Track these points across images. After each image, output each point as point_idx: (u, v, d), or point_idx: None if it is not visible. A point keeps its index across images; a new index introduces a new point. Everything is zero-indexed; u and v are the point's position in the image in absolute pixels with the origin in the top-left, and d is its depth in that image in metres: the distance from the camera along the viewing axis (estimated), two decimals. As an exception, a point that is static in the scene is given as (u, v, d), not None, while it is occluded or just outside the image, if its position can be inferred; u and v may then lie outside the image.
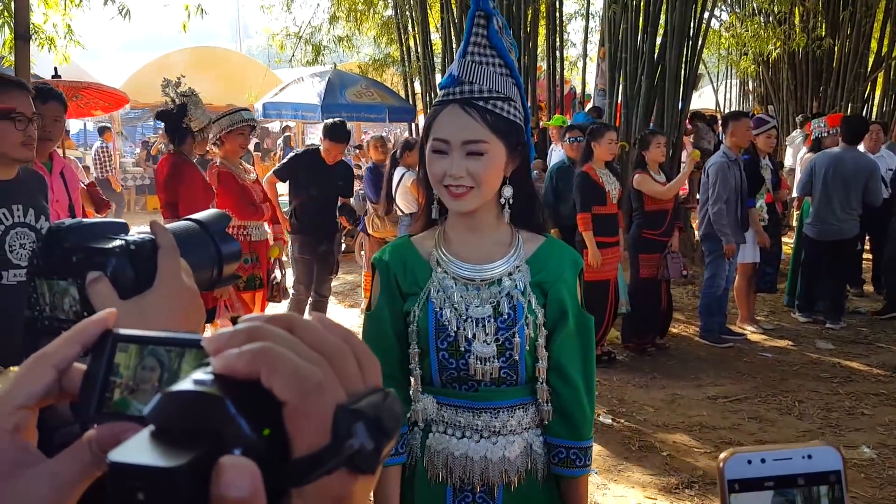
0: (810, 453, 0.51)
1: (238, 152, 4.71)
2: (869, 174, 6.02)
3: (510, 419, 1.51)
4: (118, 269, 0.67)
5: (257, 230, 4.69)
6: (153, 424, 0.36)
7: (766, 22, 11.95)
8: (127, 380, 0.45)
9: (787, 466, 0.50)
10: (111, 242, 0.68)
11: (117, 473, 0.33)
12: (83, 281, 0.66)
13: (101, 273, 0.66)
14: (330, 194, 5.31)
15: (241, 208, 4.54)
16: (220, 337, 0.38)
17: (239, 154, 4.75)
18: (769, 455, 0.50)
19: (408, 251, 1.57)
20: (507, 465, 1.50)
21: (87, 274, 0.66)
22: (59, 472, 0.45)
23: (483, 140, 1.42)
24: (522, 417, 1.52)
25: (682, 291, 7.20)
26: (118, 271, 0.67)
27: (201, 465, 0.33)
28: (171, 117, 4.30)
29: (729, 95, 16.25)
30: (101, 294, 0.65)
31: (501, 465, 1.49)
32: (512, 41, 1.52)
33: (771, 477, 0.50)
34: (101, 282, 0.66)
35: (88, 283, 0.66)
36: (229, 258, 0.77)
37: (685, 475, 3.62)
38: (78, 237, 0.69)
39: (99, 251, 0.67)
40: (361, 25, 11.23)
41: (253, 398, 0.36)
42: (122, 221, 0.73)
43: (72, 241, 0.68)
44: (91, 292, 0.66)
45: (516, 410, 1.52)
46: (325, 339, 0.39)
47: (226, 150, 4.61)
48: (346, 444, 0.36)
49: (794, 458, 0.51)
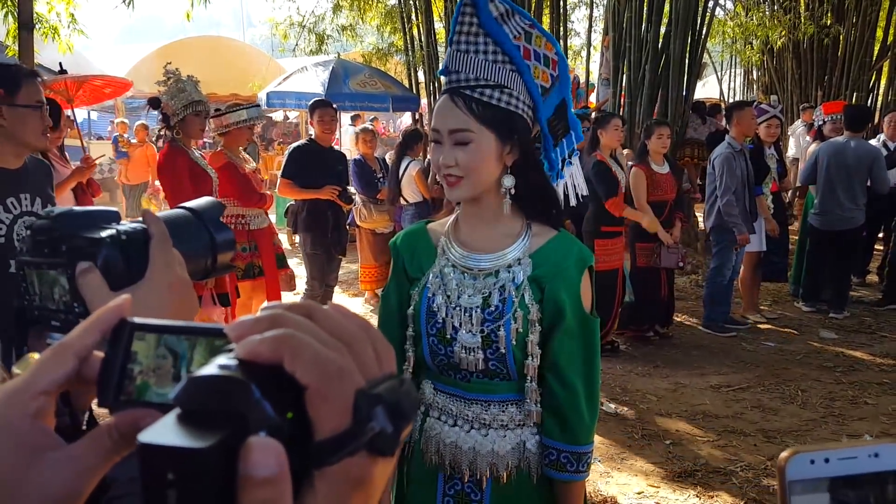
0: (877, 451, 0.48)
1: (241, 144, 4.81)
2: (872, 161, 5.99)
3: (501, 414, 1.49)
4: (109, 259, 0.66)
5: (257, 218, 4.70)
6: (179, 408, 0.36)
7: (772, 11, 11.88)
8: (146, 367, 0.46)
9: (853, 466, 0.48)
10: (102, 232, 0.67)
11: (147, 454, 0.34)
12: (73, 271, 0.65)
13: (92, 263, 0.65)
14: (332, 181, 5.32)
15: (244, 196, 4.57)
16: (243, 323, 0.39)
17: (241, 145, 4.83)
18: (833, 454, 0.48)
19: (419, 237, 1.60)
20: (497, 459, 1.49)
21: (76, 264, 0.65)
22: (80, 457, 0.46)
23: (467, 129, 1.41)
24: (515, 414, 1.50)
25: (686, 281, 7.20)
26: (109, 262, 0.66)
27: (229, 445, 0.34)
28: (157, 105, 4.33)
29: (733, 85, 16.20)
30: (92, 285, 0.64)
31: (490, 458, 1.48)
32: (528, 25, 1.47)
33: (835, 477, 0.48)
34: (91, 272, 0.64)
35: (78, 273, 0.64)
36: (224, 247, 0.75)
37: (688, 463, 3.64)
38: (68, 226, 0.67)
39: (89, 241, 0.66)
40: (365, 14, 11.19)
41: (276, 383, 0.36)
42: (113, 210, 0.72)
43: (61, 230, 0.66)
44: (81, 283, 0.64)
45: (508, 406, 1.50)
46: (343, 326, 0.40)
47: (228, 140, 4.68)
48: (366, 427, 0.36)
49: (859, 456, 0.48)
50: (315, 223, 5.28)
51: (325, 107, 5.38)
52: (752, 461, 3.65)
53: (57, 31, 6.25)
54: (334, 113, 5.43)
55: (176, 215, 0.74)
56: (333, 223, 5.31)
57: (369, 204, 6.38)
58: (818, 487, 0.48)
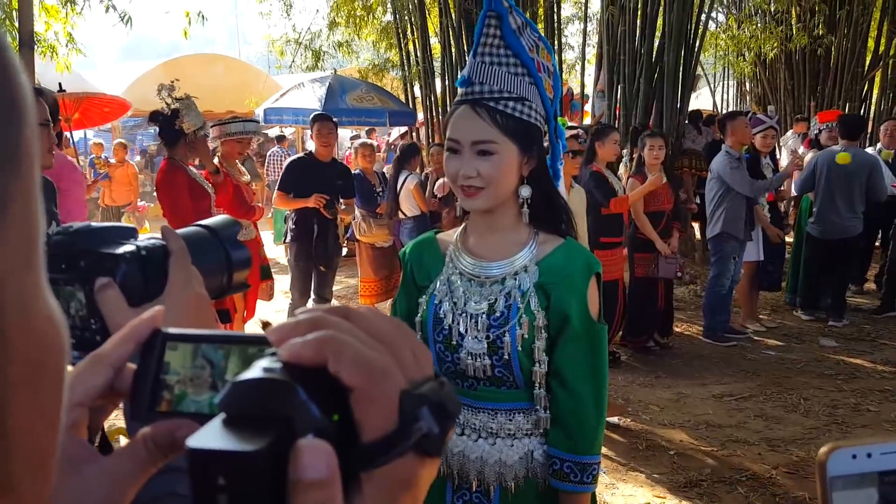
0: None
1: (235, 156, 4.95)
2: (870, 170, 6.02)
3: (508, 422, 1.49)
4: (128, 275, 0.66)
5: (244, 230, 4.74)
6: (225, 413, 0.36)
7: (764, 22, 11.98)
8: (183, 377, 0.45)
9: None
10: (121, 248, 0.67)
11: (197, 459, 0.34)
12: (91, 286, 0.64)
13: (111, 279, 0.65)
14: (330, 194, 5.33)
15: (235, 207, 4.64)
16: (284, 327, 0.39)
17: (235, 158, 4.97)
18: (875, 449, 0.47)
19: (428, 246, 1.61)
20: (504, 468, 1.48)
21: (95, 279, 0.65)
22: (117, 470, 0.45)
23: (492, 140, 1.42)
24: (522, 423, 1.49)
25: (685, 291, 7.21)
26: (128, 278, 0.66)
27: (278, 448, 0.34)
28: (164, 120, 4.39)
29: (726, 96, 16.28)
30: (111, 301, 0.64)
31: (497, 467, 1.48)
32: (537, 38, 1.50)
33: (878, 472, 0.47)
34: (110, 288, 0.64)
35: (98, 289, 0.64)
36: (239, 265, 0.75)
37: (693, 473, 3.63)
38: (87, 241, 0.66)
39: (109, 257, 0.66)
40: (361, 31, 11.25)
41: (320, 385, 0.36)
42: (131, 226, 0.72)
43: (80, 245, 0.66)
44: (100, 299, 0.64)
45: (515, 414, 1.49)
46: (381, 327, 0.40)
47: (224, 151, 4.82)
48: (413, 428, 0.36)
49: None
50: (300, 233, 5.30)
51: (323, 120, 5.41)
52: (756, 470, 3.65)
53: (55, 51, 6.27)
54: (332, 126, 5.43)
55: (193, 233, 0.74)
56: (319, 233, 5.30)
57: (369, 218, 6.38)
58: (863, 483, 0.46)
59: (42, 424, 0.27)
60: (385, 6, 10.81)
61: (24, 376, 0.26)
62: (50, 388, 0.28)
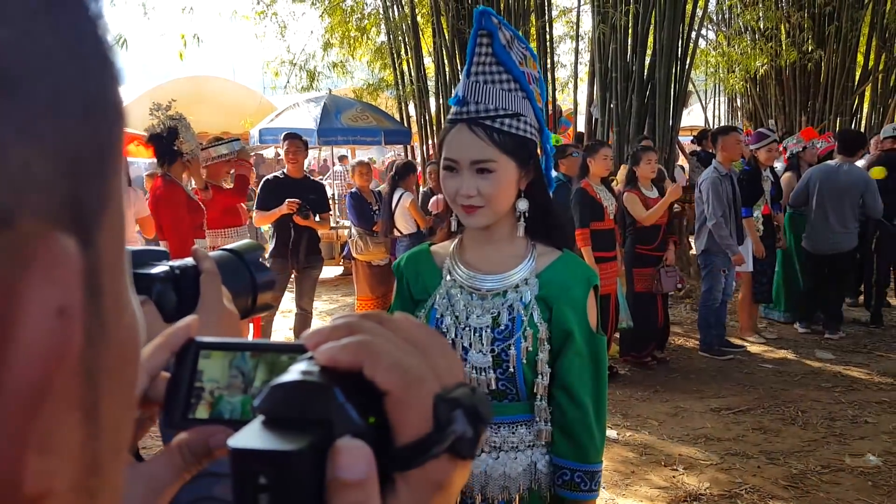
0: None
1: (223, 175, 5.33)
2: (863, 186, 6.07)
3: (511, 436, 1.50)
4: (163, 294, 0.69)
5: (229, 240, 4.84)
6: (263, 415, 0.37)
7: (754, 40, 12.11)
8: (216, 384, 0.47)
9: None
10: (155, 268, 0.70)
11: (239, 458, 0.34)
12: None
13: (147, 297, 0.68)
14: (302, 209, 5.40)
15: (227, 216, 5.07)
16: (320, 332, 0.40)
17: (223, 177, 5.34)
18: None
19: (423, 259, 1.61)
20: (508, 482, 1.49)
21: None
22: (154, 475, 0.46)
23: (491, 159, 1.43)
24: (525, 435, 1.50)
25: (681, 305, 7.23)
26: (162, 296, 0.69)
27: (318, 449, 0.35)
28: (160, 140, 4.49)
29: (717, 112, 16.40)
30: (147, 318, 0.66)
31: (501, 481, 1.49)
32: (525, 49, 1.51)
33: None
34: (146, 305, 0.67)
35: None
36: (264, 287, 0.78)
37: (693, 487, 3.63)
38: None
39: (144, 277, 0.69)
40: (355, 51, 11.33)
41: (357, 388, 0.37)
42: (163, 249, 0.75)
43: None
44: None
45: (518, 427, 1.51)
46: (414, 333, 0.41)
47: (210, 173, 5.16)
48: (448, 431, 0.37)
49: None
50: (279, 245, 5.41)
51: (291, 139, 5.53)
52: (756, 483, 3.65)
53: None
54: (301, 145, 5.55)
55: (220, 255, 0.77)
56: (295, 237, 5.36)
57: (365, 236, 6.41)
58: None
59: (122, 412, 0.29)
60: (379, 27, 10.91)
61: (115, 364, 0.28)
62: (130, 379, 0.30)
